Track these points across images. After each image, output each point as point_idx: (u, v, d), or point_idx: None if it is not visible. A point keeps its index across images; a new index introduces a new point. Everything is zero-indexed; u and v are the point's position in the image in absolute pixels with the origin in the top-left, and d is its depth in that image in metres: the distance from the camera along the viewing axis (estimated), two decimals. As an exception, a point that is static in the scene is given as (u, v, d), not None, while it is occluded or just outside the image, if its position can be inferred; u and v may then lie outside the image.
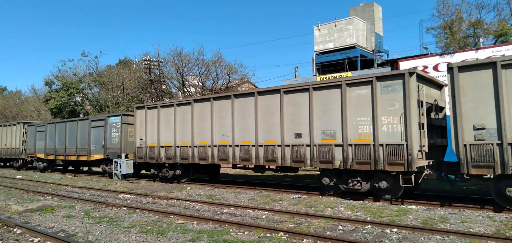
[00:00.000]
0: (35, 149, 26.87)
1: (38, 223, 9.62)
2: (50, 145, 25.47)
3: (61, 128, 24.67)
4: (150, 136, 18.00)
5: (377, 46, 34.78)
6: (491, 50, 22.84)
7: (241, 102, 14.66)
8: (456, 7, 27.92)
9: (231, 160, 14.73)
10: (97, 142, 21.65)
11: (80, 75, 41.82)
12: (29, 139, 27.92)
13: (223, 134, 15.00)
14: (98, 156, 21.48)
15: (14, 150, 29.57)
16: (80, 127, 23.05)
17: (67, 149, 23.85)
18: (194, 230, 8.36)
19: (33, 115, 46.89)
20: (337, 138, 11.83)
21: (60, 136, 24.56)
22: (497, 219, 8.73)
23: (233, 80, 35.43)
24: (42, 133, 26.36)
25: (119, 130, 20.09)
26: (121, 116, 20.17)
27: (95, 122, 22.14)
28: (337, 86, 11.91)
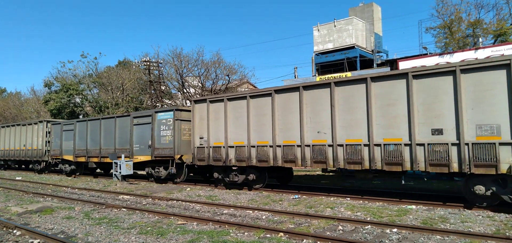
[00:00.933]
0: (62, 150, 24.01)
1: (38, 224, 9.61)
2: (80, 146, 22.59)
3: (94, 127, 21.75)
4: (214, 134, 15.30)
5: (376, 46, 34.81)
6: (490, 50, 22.87)
7: (343, 92, 11.87)
8: (455, 7, 27.98)
9: (333, 163, 11.94)
10: (141, 141, 18.62)
11: (80, 76, 41.87)
12: (53, 139, 25.00)
13: (319, 131, 12.36)
14: (143, 158, 18.47)
15: (35, 152, 26.41)
16: (119, 125, 20.06)
17: (103, 150, 20.76)
18: (194, 231, 8.35)
19: (33, 116, 46.84)
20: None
21: (93, 136, 21.63)
22: (497, 218, 8.73)
23: (233, 80, 35.44)
24: (70, 133, 23.48)
25: (171, 128, 17.14)
26: (173, 111, 17.16)
27: (139, 119, 18.95)
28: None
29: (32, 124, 27.25)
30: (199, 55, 35.47)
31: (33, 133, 26.74)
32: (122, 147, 19.60)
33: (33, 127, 26.96)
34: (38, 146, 26.17)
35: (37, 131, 26.35)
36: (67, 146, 23.76)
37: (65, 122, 25.06)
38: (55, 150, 24.87)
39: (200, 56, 35.25)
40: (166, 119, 17.45)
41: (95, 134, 21.59)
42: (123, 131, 19.74)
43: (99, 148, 20.99)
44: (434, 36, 30.39)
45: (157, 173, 17.89)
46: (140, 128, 18.79)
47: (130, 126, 19.24)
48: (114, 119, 20.39)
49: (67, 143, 23.81)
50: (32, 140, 26.84)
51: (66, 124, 24.31)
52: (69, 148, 23.47)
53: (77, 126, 23.04)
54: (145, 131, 18.45)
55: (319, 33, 34.63)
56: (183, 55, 34.66)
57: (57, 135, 24.67)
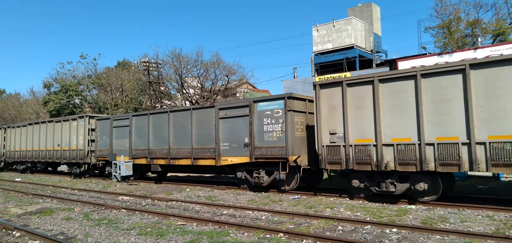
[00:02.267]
0: (112, 150, 20.13)
1: (37, 225, 9.60)
2: (139, 145, 18.68)
3: (159, 122, 17.80)
4: (356, 129, 11.60)
5: (375, 46, 34.84)
6: (489, 49, 22.91)
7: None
8: (454, 7, 28.04)
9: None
10: (232, 139, 14.82)
11: (79, 77, 41.87)
12: (99, 137, 21.16)
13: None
14: (236, 159, 14.62)
15: (74, 152, 22.58)
16: (197, 119, 16.23)
17: (173, 149, 16.88)
18: (194, 231, 8.34)
19: (32, 117, 46.83)
20: None
21: (158, 132, 17.66)
22: (497, 218, 8.74)
23: (232, 81, 35.46)
24: (123, 129, 19.64)
25: (282, 121, 13.37)
26: (284, 100, 13.39)
27: (229, 111, 15.12)
28: None
29: (69, 120, 23.36)
30: (198, 56, 35.54)
31: (71, 131, 22.86)
32: (202, 146, 15.83)
33: (70, 124, 23.06)
34: (78, 145, 22.27)
35: (76, 128, 22.49)
36: (119, 145, 19.73)
37: (116, 117, 21.05)
38: (101, 150, 20.93)
39: (199, 57, 35.32)
40: (272, 110, 13.71)
41: (160, 130, 17.58)
42: (204, 126, 15.85)
43: (168, 148, 17.02)
44: (433, 36, 30.47)
45: (257, 179, 14.15)
46: (229, 123, 15.00)
47: (214, 119, 15.38)
48: (190, 112, 16.46)
49: (119, 142, 19.82)
50: (69, 138, 22.94)
51: (118, 120, 20.37)
52: (123, 147, 19.43)
53: (134, 121, 19.08)
54: (238, 125, 14.65)
55: (318, 33, 34.66)
56: (182, 56, 34.73)
57: (105, 132, 20.75)
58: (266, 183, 13.96)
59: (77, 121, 22.68)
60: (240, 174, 14.87)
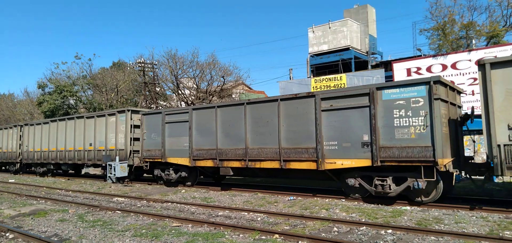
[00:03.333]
0: (164, 151, 16.78)
1: (31, 227, 9.52)
2: (202, 144, 15.46)
3: (231, 116, 14.67)
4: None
5: (371, 48, 34.99)
6: (483, 52, 23.10)
7: None
8: (449, 9, 28.20)
9: None
10: (343, 136, 11.67)
11: (74, 77, 41.63)
12: (146, 135, 17.79)
13: None
14: (349, 162, 11.47)
15: (112, 153, 19.33)
16: (286, 111, 13.03)
17: (251, 150, 13.81)
18: (189, 233, 8.32)
19: (26, 118, 46.50)
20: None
21: (230, 129, 14.60)
22: (491, 219, 8.80)
23: (228, 82, 35.46)
24: (180, 125, 16.32)
25: (424, 113, 10.28)
26: (426, 85, 10.33)
27: (337, 101, 11.89)
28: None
29: (105, 116, 20.12)
30: (194, 57, 35.61)
31: (107, 128, 19.77)
32: (295, 145, 12.71)
33: (107, 120, 19.83)
34: (117, 145, 19.12)
35: (115, 125, 19.37)
36: (174, 144, 16.55)
37: (170, 111, 17.46)
38: (149, 150, 17.64)
39: (195, 58, 35.37)
40: (408, 98, 10.60)
41: (233, 126, 14.52)
42: (297, 121, 12.71)
43: (245, 148, 13.98)
44: (428, 37, 30.62)
45: (380, 188, 11.10)
46: (337, 116, 11.84)
47: (314, 112, 12.25)
48: (277, 104, 13.21)
49: (174, 140, 16.59)
50: (106, 137, 19.80)
51: (173, 114, 16.98)
52: (179, 147, 16.27)
53: (195, 116, 15.91)
54: (350, 119, 11.53)
55: (314, 34, 34.73)
56: (178, 57, 34.65)
57: (154, 129, 17.47)
58: (394, 193, 10.93)
59: (116, 117, 19.36)
60: (352, 181, 11.66)
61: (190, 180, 16.79)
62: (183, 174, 16.51)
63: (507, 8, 27.40)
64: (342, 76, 28.90)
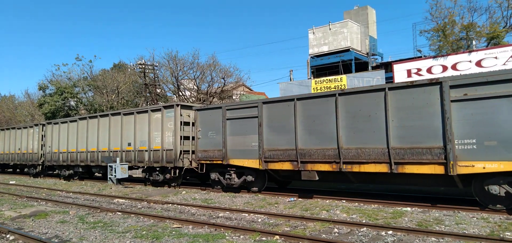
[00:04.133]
0: (226, 151, 14.60)
1: (32, 229, 9.53)
2: (277, 143, 13.21)
3: (315, 109, 12.47)
4: None
5: (371, 49, 35.00)
6: (483, 53, 23.10)
7: None
8: (449, 10, 28.19)
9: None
10: (485, 133, 9.46)
11: (75, 79, 41.73)
12: (202, 133, 15.54)
13: None
14: (495, 166, 9.30)
15: (157, 154, 17.10)
16: (397, 103, 10.85)
17: (345, 150, 11.63)
18: (190, 234, 8.32)
19: (27, 120, 46.56)
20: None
21: (315, 125, 12.36)
22: (491, 220, 8.79)
23: (228, 83, 35.50)
24: (246, 122, 14.11)
25: None
26: None
27: (474, 89, 9.71)
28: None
29: (148, 111, 17.75)
30: (194, 58, 35.78)
31: (151, 125, 17.44)
32: (411, 144, 10.50)
33: (151, 117, 17.54)
34: (164, 144, 16.83)
35: (161, 122, 17.00)
36: (238, 144, 14.38)
37: (232, 105, 15.10)
38: (206, 151, 15.40)
39: (195, 59, 35.48)
40: None
41: (319, 122, 12.33)
42: (413, 115, 10.49)
43: (337, 147, 11.79)
44: (428, 39, 30.61)
45: None
46: (475, 107, 9.61)
47: (438, 104, 10.12)
48: (383, 93, 11.03)
49: (237, 139, 14.40)
50: (149, 135, 17.49)
51: (236, 109, 14.69)
52: (245, 147, 14.08)
53: (266, 110, 13.72)
54: (497, 111, 9.33)
55: (314, 36, 34.76)
56: (178, 58, 34.78)
57: (212, 126, 15.26)
58: None
59: (162, 113, 17.05)
60: (496, 189, 9.45)
61: (257, 184, 14.33)
62: (249, 178, 14.07)
63: (507, 9, 27.41)
64: (343, 78, 28.92)
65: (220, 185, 15.42)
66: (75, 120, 22.29)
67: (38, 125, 25.90)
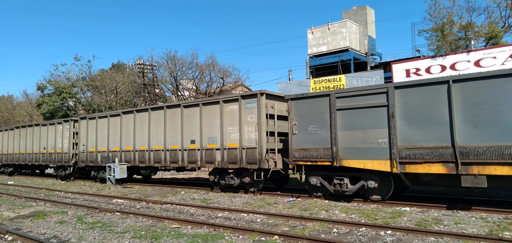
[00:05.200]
0: (337, 149, 11.61)
1: (30, 229, 9.51)
2: (420, 139, 10.29)
3: (479, 95, 9.49)
4: None
5: (370, 49, 35.05)
6: (482, 52, 23.14)
7: None
8: (447, 10, 28.22)
9: None
10: None
11: (73, 79, 41.65)
12: (297, 127, 12.44)
13: None
14: None
15: (233, 153, 14.32)
16: None
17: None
18: (188, 234, 8.31)
19: (25, 120, 46.46)
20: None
21: (481, 116, 9.44)
22: (490, 220, 8.80)
23: (227, 83, 35.48)
24: (369, 112, 11.11)
25: None
26: None
27: None
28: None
29: (220, 102, 14.90)
30: (193, 58, 35.69)
31: (224, 119, 14.68)
32: None
33: (223, 109, 14.75)
34: (243, 141, 14.05)
35: (238, 115, 14.27)
36: (355, 141, 11.35)
37: (346, 92, 12.05)
38: (305, 149, 12.34)
39: (194, 59, 35.47)
40: None
41: (490, 111, 9.35)
42: None
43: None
44: (426, 39, 30.63)
45: None
46: None
47: None
48: None
49: (354, 134, 11.37)
50: (221, 131, 14.68)
51: (352, 96, 11.61)
52: (367, 144, 11.09)
53: (399, 97, 10.74)
54: None
55: (313, 36, 34.78)
56: (177, 58, 34.72)
57: (314, 119, 12.22)
58: None
59: (239, 104, 14.22)
60: None
61: (380, 192, 11.42)
62: (371, 184, 11.17)
63: (505, 9, 27.46)
64: (342, 77, 28.93)
65: (321, 191, 12.55)
66: (118, 114, 19.46)
67: (68, 121, 23.01)
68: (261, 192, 14.24)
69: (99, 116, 20.86)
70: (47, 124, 24.72)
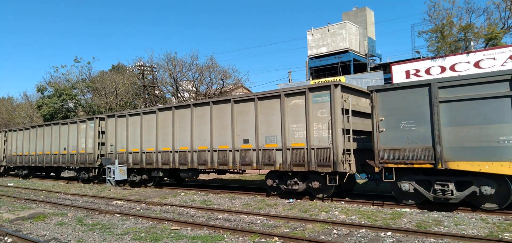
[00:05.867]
0: (441, 150, 9.78)
1: (30, 231, 9.49)
2: None
3: None
4: None
5: (369, 50, 35.08)
6: (481, 54, 23.15)
7: None
8: (447, 11, 28.28)
9: None
10: None
11: (73, 81, 41.68)
12: (385, 123, 10.78)
13: None
14: None
15: (297, 154, 12.56)
16: None
17: None
18: (188, 236, 8.30)
19: (25, 121, 46.44)
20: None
21: None
22: (490, 221, 8.80)
23: (227, 85, 35.49)
24: (486, 104, 9.38)
25: None
26: None
27: None
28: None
29: (281, 96, 13.13)
30: (193, 60, 35.67)
31: (286, 115, 12.92)
32: None
33: (285, 103, 13.00)
34: (311, 140, 12.30)
35: (305, 110, 12.45)
36: (465, 139, 9.61)
37: (450, 81, 10.23)
38: (398, 149, 10.53)
39: (194, 61, 35.41)
40: None
41: None
42: None
43: None
44: (426, 40, 30.70)
45: None
46: None
47: None
48: None
49: (465, 131, 9.62)
50: (283, 128, 12.89)
51: (462, 86, 9.83)
52: (485, 143, 9.34)
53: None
54: None
55: (313, 37, 34.80)
56: (177, 60, 34.72)
57: (407, 113, 10.48)
58: None
59: (306, 98, 12.41)
60: None
61: (497, 200, 9.68)
62: (486, 190, 9.45)
63: (505, 10, 27.50)
64: (341, 79, 28.93)
65: (414, 198, 10.86)
66: (153, 111, 17.60)
67: (93, 119, 21.18)
68: (332, 199, 12.53)
69: (129, 114, 18.93)
70: (68, 123, 23.03)
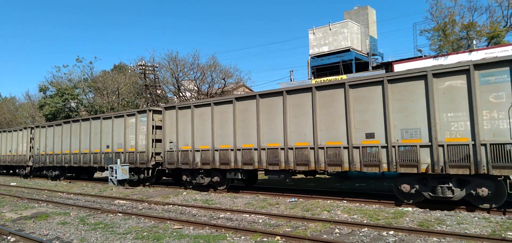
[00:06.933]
0: None
1: (33, 230, 9.52)
2: None
3: None
4: None
5: (371, 49, 35.01)
6: (484, 52, 23.07)
7: None
8: (449, 10, 28.20)
9: None
10: None
11: (75, 80, 41.78)
12: None
13: None
14: None
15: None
16: None
17: None
18: (190, 235, 8.31)
19: (27, 121, 46.57)
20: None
21: None
22: (493, 220, 8.76)
23: (229, 84, 35.48)
24: None
25: None
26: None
27: None
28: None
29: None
30: (194, 59, 35.66)
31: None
32: None
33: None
34: None
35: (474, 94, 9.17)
36: None
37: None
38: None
39: (195, 60, 35.41)
40: None
41: None
42: None
43: None
44: (428, 38, 30.66)
45: None
46: None
47: None
48: None
49: None
50: (431, 120, 9.78)
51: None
52: None
53: None
54: None
55: (314, 36, 34.75)
56: (178, 59, 34.71)
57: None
58: None
59: (470, 76, 9.27)
60: None
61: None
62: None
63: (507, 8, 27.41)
64: (343, 78, 28.89)
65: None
66: (230, 100, 14.57)
67: (145, 112, 18.21)
68: (504, 213, 9.32)
69: (195, 105, 15.90)
70: (112, 116, 19.95)
